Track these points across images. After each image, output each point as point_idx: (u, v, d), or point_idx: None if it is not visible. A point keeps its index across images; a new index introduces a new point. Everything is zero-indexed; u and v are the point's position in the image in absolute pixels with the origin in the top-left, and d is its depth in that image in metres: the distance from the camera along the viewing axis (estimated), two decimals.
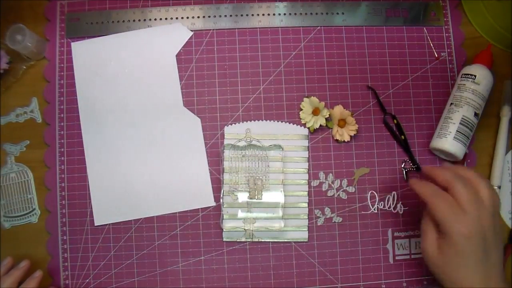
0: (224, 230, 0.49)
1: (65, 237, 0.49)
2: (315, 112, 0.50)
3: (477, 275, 0.39)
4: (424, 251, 0.42)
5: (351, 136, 0.50)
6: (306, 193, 0.50)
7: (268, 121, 0.51)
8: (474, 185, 0.40)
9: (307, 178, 0.50)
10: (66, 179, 0.50)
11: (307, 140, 0.51)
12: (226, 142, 0.50)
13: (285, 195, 0.49)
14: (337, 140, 0.50)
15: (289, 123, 0.51)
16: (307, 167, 0.50)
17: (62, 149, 0.50)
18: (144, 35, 0.52)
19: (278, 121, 0.51)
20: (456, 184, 0.39)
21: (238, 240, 0.49)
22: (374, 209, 0.50)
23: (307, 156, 0.50)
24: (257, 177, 0.50)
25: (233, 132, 0.50)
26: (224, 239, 0.49)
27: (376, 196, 0.50)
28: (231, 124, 0.50)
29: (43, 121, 0.51)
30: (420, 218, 0.43)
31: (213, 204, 0.50)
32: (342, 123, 0.50)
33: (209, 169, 0.50)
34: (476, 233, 0.38)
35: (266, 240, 0.49)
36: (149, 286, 0.48)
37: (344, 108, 0.50)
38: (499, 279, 0.40)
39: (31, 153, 0.50)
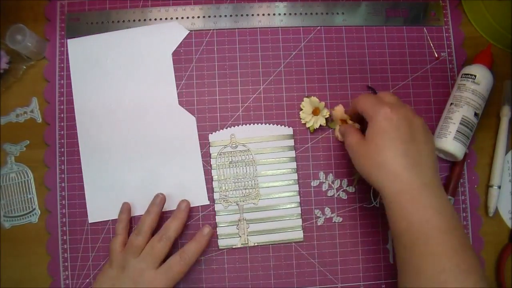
0: (219, 238, 0.49)
1: (65, 237, 0.49)
2: (315, 112, 0.50)
3: (403, 158, 0.37)
4: (349, 145, 0.42)
5: None
6: (296, 192, 0.50)
7: (251, 124, 0.51)
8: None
9: (296, 178, 0.50)
10: (66, 179, 0.50)
11: (293, 140, 0.51)
12: (212, 150, 0.50)
13: (275, 197, 0.49)
14: (339, 140, 0.50)
15: (276, 124, 0.51)
16: (295, 167, 0.50)
17: (62, 149, 0.50)
18: (140, 33, 0.52)
19: (261, 124, 0.51)
20: (381, 92, 0.43)
21: (234, 247, 0.49)
22: (376, 203, 0.50)
23: (294, 155, 0.50)
24: (246, 182, 0.50)
25: (218, 139, 0.50)
26: (220, 247, 0.49)
27: None
28: (215, 132, 0.50)
29: (43, 121, 0.51)
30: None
31: (207, 202, 0.49)
32: (345, 123, 0.50)
33: (204, 168, 0.50)
34: (400, 116, 0.39)
35: (262, 243, 0.49)
36: None
37: (345, 108, 0.50)
38: (432, 175, 0.38)
39: (31, 153, 0.50)
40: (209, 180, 0.50)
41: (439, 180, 0.39)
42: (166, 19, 0.52)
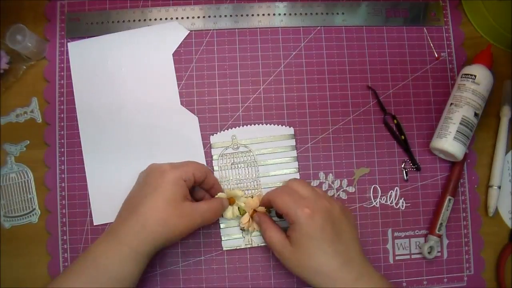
0: (222, 239, 0.49)
1: (65, 237, 0.49)
2: (231, 201, 0.48)
3: (334, 260, 0.38)
4: (271, 243, 0.42)
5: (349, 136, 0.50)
6: None
7: (252, 125, 0.51)
8: (303, 180, 0.46)
9: (298, 178, 0.50)
10: (66, 179, 0.50)
11: (294, 140, 0.51)
12: (213, 152, 0.50)
13: None
14: (242, 229, 0.48)
15: (276, 124, 0.51)
16: (297, 167, 0.50)
17: (62, 149, 0.50)
18: (140, 34, 0.52)
19: (261, 124, 0.51)
20: (289, 181, 0.44)
21: (238, 248, 0.49)
22: (376, 203, 0.50)
23: (295, 155, 0.50)
24: (249, 183, 0.49)
25: (219, 141, 0.50)
26: (224, 248, 0.49)
27: (379, 190, 0.50)
28: (216, 133, 0.50)
29: (43, 121, 0.51)
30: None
31: None
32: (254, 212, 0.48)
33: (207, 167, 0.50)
34: (320, 212, 0.39)
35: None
36: (149, 286, 0.48)
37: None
38: (359, 257, 0.40)
39: (31, 153, 0.50)
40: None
41: (367, 262, 0.40)
42: (166, 19, 0.52)
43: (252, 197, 0.48)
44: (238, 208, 0.48)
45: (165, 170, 0.41)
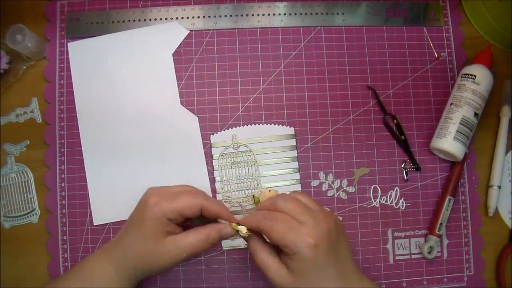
0: None
1: (65, 237, 0.49)
2: None
3: (337, 281, 0.36)
4: (274, 281, 0.37)
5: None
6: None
7: (252, 125, 0.51)
8: (292, 196, 0.38)
9: (298, 178, 0.50)
10: (66, 179, 0.50)
11: (294, 140, 0.51)
12: (213, 151, 0.50)
13: None
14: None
15: (276, 124, 0.51)
16: (297, 166, 0.50)
17: (62, 149, 0.50)
18: (140, 34, 0.52)
19: (261, 124, 0.51)
20: (278, 202, 0.37)
21: (238, 248, 0.49)
22: (376, 203, 0.50)
23: (296, 155, 0.50)
24: (249, 183, 0.49)
25: (220, 140, 0.50)
26: (224, 248, 0.49)
27: (379, 190, 0.50)
28: (216, 133, 0.50)
29: (43, 121, 0.51)
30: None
31: None
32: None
33: (207, 168, 0.50)
34: (323, 238, 0.35)
35: None
36: (149, 286, 0.48)
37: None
38: (354, 273, 0.38)
39: (31, 153, 0.50)
40: (211, 181, 0.50)
41: (362, 276, 0.39)
42: (166, 19, 0.52)
43: (269, 190, 0.47)
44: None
45: (150, 204, 0.39)
